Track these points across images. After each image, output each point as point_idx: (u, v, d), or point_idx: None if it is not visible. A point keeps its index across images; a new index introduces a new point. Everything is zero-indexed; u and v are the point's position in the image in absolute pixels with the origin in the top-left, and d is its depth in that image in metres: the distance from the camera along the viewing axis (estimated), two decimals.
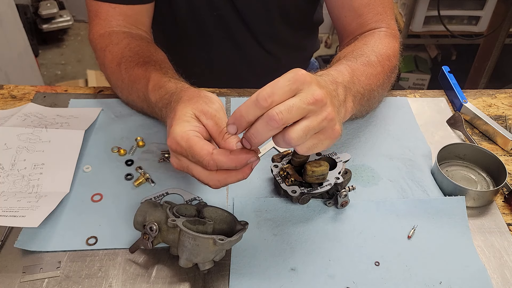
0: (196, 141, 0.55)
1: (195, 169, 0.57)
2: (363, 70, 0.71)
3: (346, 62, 0.71)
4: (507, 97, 0.93)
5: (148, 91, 0.71)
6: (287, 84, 0.50)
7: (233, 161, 0.54)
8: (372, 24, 0.85)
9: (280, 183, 0.66)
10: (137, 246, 0.60)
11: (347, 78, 0.67)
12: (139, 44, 0.81)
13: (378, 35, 0.82)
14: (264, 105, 0.49)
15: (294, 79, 0.50)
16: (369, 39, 0.81)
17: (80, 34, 3.00)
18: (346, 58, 0.73)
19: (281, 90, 0.49)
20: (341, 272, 0.61)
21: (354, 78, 0.68)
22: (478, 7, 2.19)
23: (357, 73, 0.70)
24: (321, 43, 2.98)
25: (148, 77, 0.72)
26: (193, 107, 0.59)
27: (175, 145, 0.56)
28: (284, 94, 0.49)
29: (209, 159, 0.54)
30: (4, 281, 0.58)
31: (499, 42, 2.01)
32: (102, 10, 0.85)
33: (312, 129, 0.51)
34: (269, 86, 0.50)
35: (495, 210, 0.70)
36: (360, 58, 0.74)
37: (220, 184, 0.57)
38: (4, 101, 0.87)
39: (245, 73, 1.06)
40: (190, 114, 0.58)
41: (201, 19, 0.96)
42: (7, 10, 1.87)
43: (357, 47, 0.78)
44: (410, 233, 0.65)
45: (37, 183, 0.69)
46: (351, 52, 0.76)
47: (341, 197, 0.67)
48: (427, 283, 0.60)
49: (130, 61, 0.77)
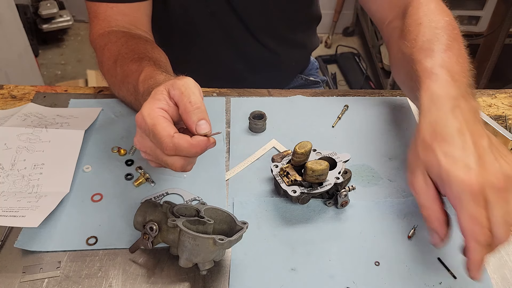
0: (162, 121, 0.52)
1: (157, 150, 0.53)
2: (451, 58, 0.61)
3: (431, 59, 0.61)
4: (507, 97, 0.93)
5: (139, 82, 0.68)
6: (477, 210, 0.49)
7: (194, 146, 0.52)
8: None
9: (280, 183, 0.66)
10: (137, 246, 0.60)
11: (460, 85, 0.58)
12: (136, 42, 0.80)
13: (421, 6, 0.70)
14: (489, 242, 0.50)
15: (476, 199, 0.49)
16: (419, 16, 0.69)
17: (80, 34, 2.99)
18: (426, 53, 0.62)
19: (484, 219, 0.49)
20: (341, 272, 0.61)
21: (461, 79, 0.60)
22: (478, 7, 2.19)
23: (455, 71, 0.60)
24: (321, 43, 2.98)
25: (140, 71, 0.70)
26: (165, 84, 0.56)
27: (141, 120, 0.53)
28: (486, 218, 0.49)
29: (167, 141, 0.51)
30: (4, 281, 0.58)
31: (499, 42, 2.01)
32: (100, 10, 0.85)
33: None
34: (474, 226, 0.49)
35: None
36: (438, 45, 0.63)
37: (181, 164, 0.54)
38: (4, 101, 0.87)
39: (242, 70, 1.06)
40: (161, 90, 0.55)
41: (195, 15, 0.96)
42: (7, 10, 1.86)
43: (416, 33, 0.67)
44: (410, 233, 0.65)
45: (37, 183, 0.69)
46: (415, 41, 0.65)
47: (341, 197, 0.67)
48: (427, 283, 0.60)
49: (125, 58, 0.76)
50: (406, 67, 0.68)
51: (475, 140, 0.52)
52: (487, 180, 0.49)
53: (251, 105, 0.86)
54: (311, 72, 1.22)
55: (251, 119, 0.81)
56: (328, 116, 0.86)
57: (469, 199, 0.48)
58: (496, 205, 0.49)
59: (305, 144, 0.66)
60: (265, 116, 0.81)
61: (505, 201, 0.49)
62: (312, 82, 1.18)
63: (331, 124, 0.84)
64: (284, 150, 0.77)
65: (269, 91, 0.91)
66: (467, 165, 0.50)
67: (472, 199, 0.48)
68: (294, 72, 1.17)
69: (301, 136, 0.80)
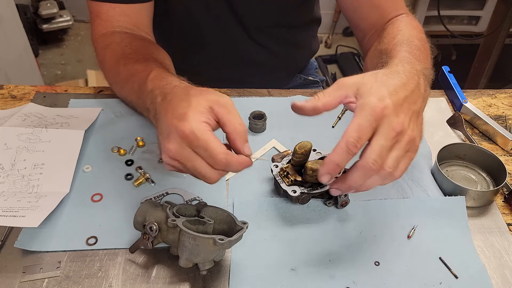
0: (213, 137, 0.55)
1: (198, 162, 0.56)
2: (418, 55, 0.70)
3: (401, 48, 0.69)
4: (507, 97, 0.93)
5: (147, 80, 0.69)
6: (368, 125, 0.54)
7: (241, 165, 0.56)
8: (392, 13, 0.84)
9: (280, 183, 0.66)
10: (137, 246, 0.60)
11: (421, 65, 0.66)
12: (140, 43, 0.81)
13: (404, 20, 0.82)
14: (355, 152, 0.54)
15: (374, 118, 0.54)
16: (400, 26, 0.79)
17: (80, 34, 2.99)
18: (399, 46, 0.71)
19: (366, 135, 0.54)
20: (341, 272, 0.61)
21: (422, 64, 0.67)
22: (478, 7, 2.19)
23: (420, 59, 0.68)
24: (321, 43, 2.98)
25: (149, 71, 0.70)
26: (207, 98, 0.58)
27: (190, 133, 0.55)
28: (368, 136, 0.54)
29: (222, 157, 0.55)
30: (4, 281, 0.58)
31: (499, 42, 2.01)
32: (103, 10, 0.85)
33: (401, 156, 0.56)
34: (354, 131, 0.54)
35: (495, 210, 0.70)
36: (408, 45, 0.71)
37: (218, 179, 0.57)
38: (4, 101, 0.87)
39: (241, 70, 1.06)
40: (203, 104, 0.57)
41: (198, 18, 0.96)
42: (7, 10, 1.86)
43: (394, 34, 0.76)
44: (410, 233, 0.65)
45: (37, 183, 0.69)
46: (392, 40, 0.74)
47: (341, 197, 0.67)
48: (427, 283, 0.60)
49: (130, 58, 0.77)
50: (377, 60, 0.75)
51: (407, 100, 0.57)
52: (391, 119, 0.54)
53: (251, 105, 0.86)
54: (310, 72, 1.22)
55: (251, 119, 0.81)
56: (328, 116, 0.85)
57: (368, 114, 0.54)
58: (382, 136, 0.54)
59: (305, 144, 0.66)
60: (265, 116, 0.81)
61: (391, 142, 0.54)
62: (311, 81, 1.19)
63: (331, 124, 0.84)
64: (284, 150, 0.77)
65: (269, 91, 0.91)
66: (385, 99, 0.55)
67: (370, 116, 0.54)
68: (293, 72, 1.17)
69: (301, 136, 0.80)
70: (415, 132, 0.57)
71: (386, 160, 0.55)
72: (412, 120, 0.57)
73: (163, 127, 0.57)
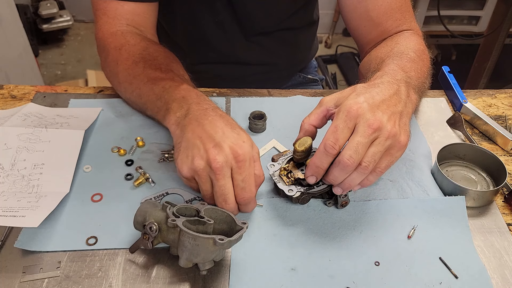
0: (259, 161, 0.63)
1: (227, 182, 0.60)
2: (410, 66, 0.72)
3: (393, 61, 0.72)
4: (507, 97, 0.93)
5: (180, 88, 0.72)
6: (344, 125, 0.57)
7: (254, 202, 0.65)
8: (392, 31, 0.85)
9: (277, 183, 0.66)
10: (137, 246, 0.60)
11: (404, 74, 0.68)
12: (156, 50, 0.82)
13: (404, 35, 0.83)
14: (333, 153, 0.58)
15: (349, 118, 0.57)
16: (398, 39, 0.82)
17: (80, 34, 2.99)
18: (390, 58, 0.74)
19: (342, 135, 0.57)
20: (341, 272, 0.61)
21: (407, 74, 0.70)
22: (478, 7, 2.19)
23: (407, 69, 0.71)
24: (321, 43, 2.98)
25: (179, 81, 0.74)
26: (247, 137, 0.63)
27: (248, 150, 0.61)
28: (345, 136, 0.57)
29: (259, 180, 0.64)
30: (4, 281, 0.58)
31: (499, 42, 2.01)
32: (110, 8, 0.84)
33: (379, 152, 0.58)
34: (331, 134, 0.57)
35: (495, 210, 0.70)
36: (402, 56, 0.74)
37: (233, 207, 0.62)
38: (4, 101, 0.87)
39: (241, 71, 1.06)
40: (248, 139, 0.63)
41: (202, 22, 0.97)
42: (7, 10, 1.86)
43: (391, 47, 0.79)
44: (410, 233, 0.65)
45: (37, 183, 0.69)
46: (389, 52, 0.77)
47: (341, 197, 0.67)
48: (427, 283, 0.60)
49: (150, 64, 0.78)
50: (370, 65, 0.80)
51: (385, 103, 0.60)
52: (367, 117, 0.57)
53: (251, 105, 0.86)
54: (309, 70, 1.22)
55: (251, 119, 0.81)
56: None
57: (343, 116, 0.58)
58: (358, 134, 0.56)
59: (305, 140, 0.65)
60: (265, 116, 0.81)
61: (368, 138, 0.56)
62: (310, 80, 1.19)
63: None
64: (284, 150, 0.77)
65: (269, 91, 0.91)
66: (360, 102, 0.58)
67: (346, 116, 0.57)
68: (293, 72, 1.17)
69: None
70: (396, 129, 0.58)
71: (363, 156, 0.57)
72: (392, 119, 0.59)
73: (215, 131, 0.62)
